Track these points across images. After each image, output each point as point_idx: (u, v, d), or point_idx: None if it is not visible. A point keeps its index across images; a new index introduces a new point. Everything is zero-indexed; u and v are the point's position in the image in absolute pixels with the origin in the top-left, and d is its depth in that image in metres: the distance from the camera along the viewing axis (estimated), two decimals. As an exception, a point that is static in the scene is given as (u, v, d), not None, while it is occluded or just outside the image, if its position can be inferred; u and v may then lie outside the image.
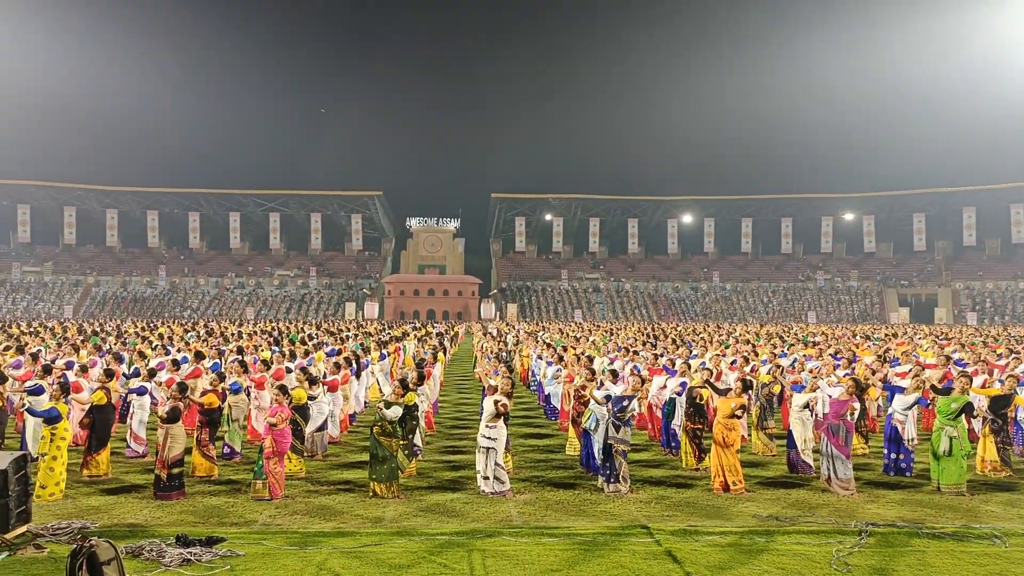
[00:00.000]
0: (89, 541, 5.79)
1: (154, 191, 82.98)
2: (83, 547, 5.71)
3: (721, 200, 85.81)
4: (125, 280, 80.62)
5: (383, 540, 7.46)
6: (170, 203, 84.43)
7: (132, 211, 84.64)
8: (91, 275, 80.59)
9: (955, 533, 7.81)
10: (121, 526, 7.91)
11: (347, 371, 14.26)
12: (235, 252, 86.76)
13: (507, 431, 9.75)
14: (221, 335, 26.69)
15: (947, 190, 79.29)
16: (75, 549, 5.74)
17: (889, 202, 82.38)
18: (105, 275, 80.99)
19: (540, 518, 8.39)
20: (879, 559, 7.03)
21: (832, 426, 9.77)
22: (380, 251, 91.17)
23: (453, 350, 35.19)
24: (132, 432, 11.63)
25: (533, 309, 77.89)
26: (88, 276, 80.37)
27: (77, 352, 16.61)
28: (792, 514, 8.59)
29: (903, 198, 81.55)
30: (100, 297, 77.58)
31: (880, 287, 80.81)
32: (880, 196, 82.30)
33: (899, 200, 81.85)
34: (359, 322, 55.22)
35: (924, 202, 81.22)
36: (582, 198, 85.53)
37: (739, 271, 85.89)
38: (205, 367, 14.10)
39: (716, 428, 9.78)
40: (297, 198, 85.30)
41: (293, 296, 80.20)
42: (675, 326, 45.64)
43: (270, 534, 7.64)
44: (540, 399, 18.34)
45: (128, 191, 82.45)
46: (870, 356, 17.65)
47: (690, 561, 6.92)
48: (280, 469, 9.19)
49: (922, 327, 50.86)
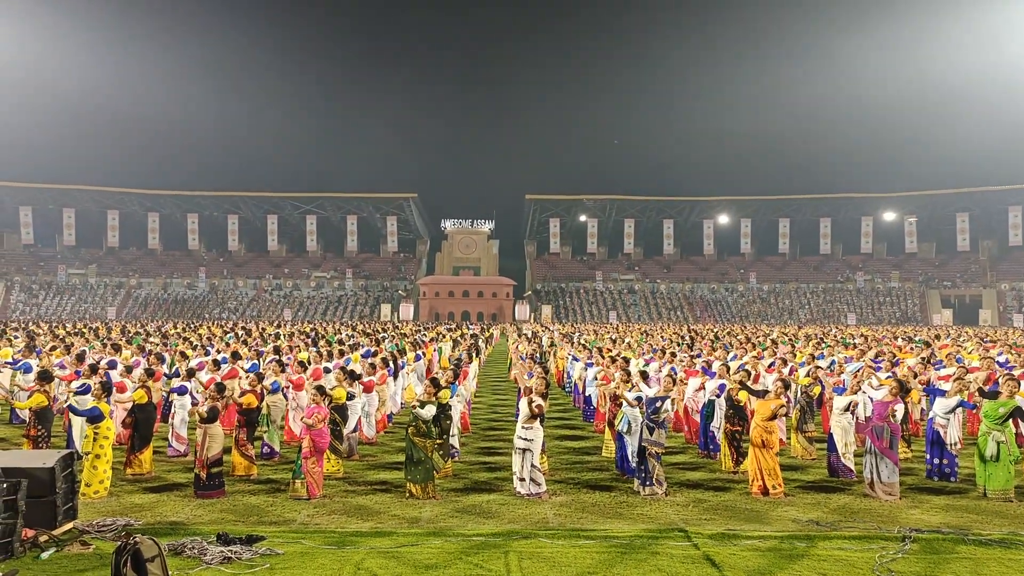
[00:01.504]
0: (134, 538, 5.93)
1: (194, 194, 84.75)
2: (128, 544, 5.84)
3: (758, 200, 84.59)
4: (166, 282, 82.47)
5: (419, 540, 7.50)
6: (209, 206, 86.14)
7: (173, 214, 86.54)
8: (133, 277, 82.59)
9: (1003, 540, 7.58)
10: (164, 524, 8.08)
11: (384, 372, 14.38)
12: (273, 254, 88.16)
13: (543, 432, 9.74)
14: (260, 336, 27.12)
15: (992, 189, 77.08)
16: (120, 546, 5.88)
17: (931, 201, 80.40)
18: (147, 277, 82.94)
19: (576, 520, 8.35)
20: (923, 566, 6.86)
21: (876, 428, 9.56)
22: (415, 253, 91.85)
23: (488, 351, 35.27)
24: (174, 431, 11.87)
25: (568, 310, 77.67)
26: (130, 278, 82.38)
27: (119, 352, 17.01)
28: (833, 519, 8.43)
29: (946, 197, 79.49)
30: (142, 299, 79.46)
31: (922, 288, 78.90)
32: (922, 195, 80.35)
33: (941, 199, 79.81)
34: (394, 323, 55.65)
35: (968, 201, 79.06)
36: (617, 199, 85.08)
37: (776, 272, 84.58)
38: (243, 367, 14.35)
39: (754, 431, 9.64)
40: (333, 200, 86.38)
41: (329, 298, 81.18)
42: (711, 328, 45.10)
43: (308, 533, 7.73)
44: (576, 401, 18.29)
45: (169, 195, 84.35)
46: (912, 359, 17.23)
47: (729, 566, 6.83)
48: (318, 469, 9.30)
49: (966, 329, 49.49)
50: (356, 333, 30.30)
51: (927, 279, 79.83)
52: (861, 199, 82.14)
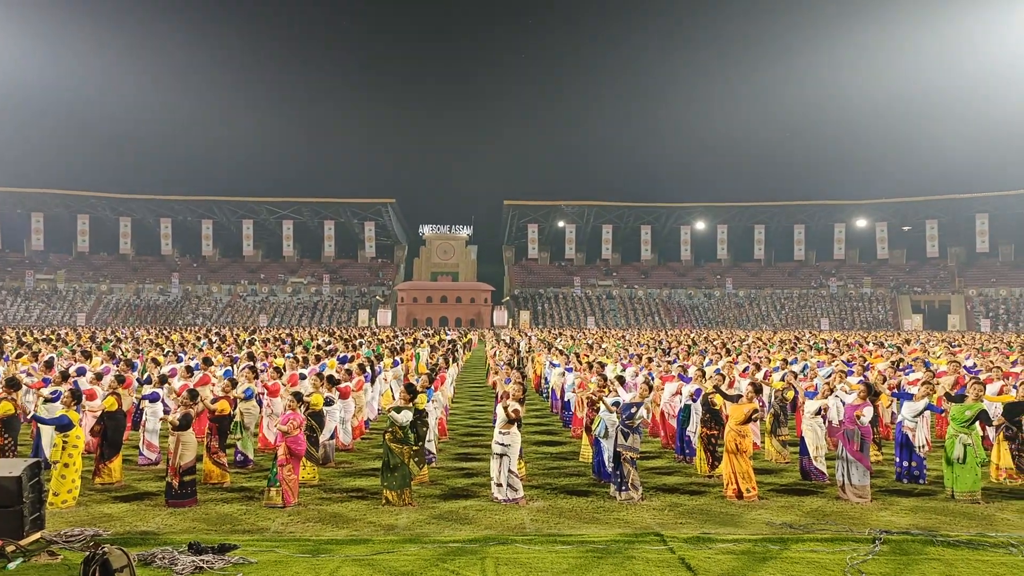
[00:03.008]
0: (102, 548, 5.83)
1: (167, 199, 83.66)
2: (96, 554, 5.75)
3: (734, 207, 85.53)
4: (138, 288, 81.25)
5: (395, 548, 7.46)
6: (183, 211, 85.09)
7: (145, 219, 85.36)
8: (104, 283, 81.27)
9: (970, 541, 7.73)
10: (134, 533, 7.95)
11: (360, 378, 14.31)
12: (248, 260, 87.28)
13: (520, 437, 9.75)
14: (234, 342, 26.84)
15: (960, 196, 78.70)
16: (88, 556, 5.78)
17: (902, 208, 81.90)
18: (118, 283, 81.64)
19: (553, 525, 8.37)
20: (893, 567, 6.96)
21: (848, 432, 9.70)
22: (393, 258, 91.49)
23: (466, 357, 35.21)
24: (145, 439, 11.70)
25: (546, 316, 77.83)
26: (101, 284, 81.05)
27: (89, 359, 16.73)
28: (806, 521, 8.53)
29: (916, 204, 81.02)
30: (113, 305, 78.20)
31: (893, 294, 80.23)
32: (893, 203, 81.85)
33: (912, 206, 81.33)
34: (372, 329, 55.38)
35: (937, 208, 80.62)
36: (595, 205, 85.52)
37: (752, 278, 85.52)
38: (216, 374, 14.18)
39: (728, 435, 9.73)
40: (310, 206, 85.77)
41: (306, 303, 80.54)
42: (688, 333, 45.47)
43: (282, 542, 7.65)
44: (553, 406, 18.32)
45: (141, 199, 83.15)
46: (883, 363, 17.51)
47: (703, 569, 6.88)
48: (294, 477, 9.22)
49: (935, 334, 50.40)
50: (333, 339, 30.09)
51: (898, 285, 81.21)
52: (834, 206, 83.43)
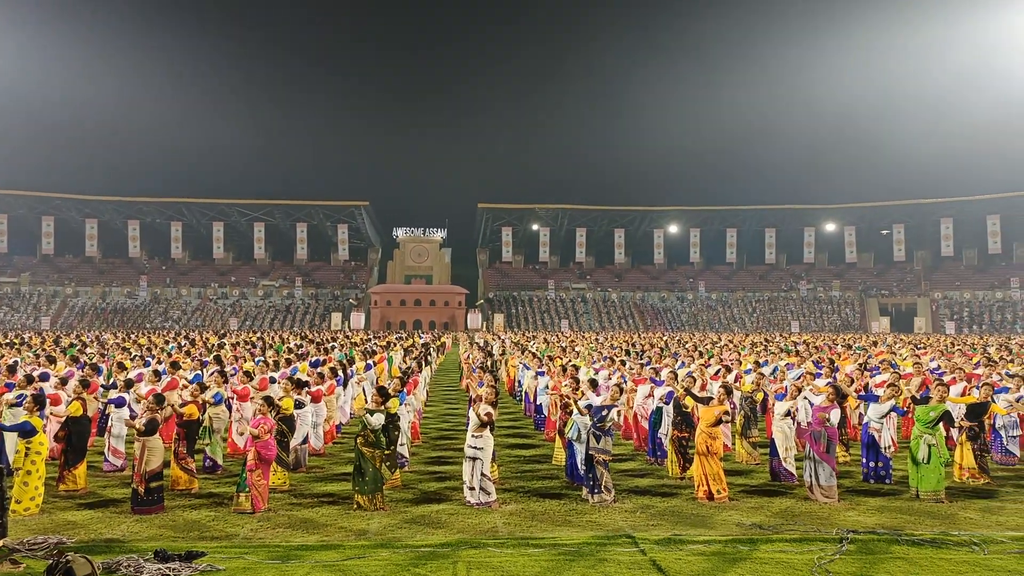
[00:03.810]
0: (65, 556, 5.72)
1: (135, 200, 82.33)
2: (60, 562, 5.64)
3: (706, 211, 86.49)
4: (105, 291, 79.81)
5: (366, 553, 7.41)
6: (152, 213, 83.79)
7: (112, 221, 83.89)
8: (69, 286, 79.70)
9: (934, 540, 7.88)
10: (98, 541, 7.80)
11: (332, 381, 14.19)
12: (218, 262, 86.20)
13: (493, 441, 9.74)
14: (204, 345, 26.46)
15: (925, 201, 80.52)
16: (51, 564, 5.67)
17: (870, 213, 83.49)
18: (84, 286, 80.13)
19: (525, 528, 8.37)
20: (859, 566, 7.08)
21: (815, 433, 9.84)
22: (366, 261, 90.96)
23: (440, 360, 35.11)
24: (110, 445, 11.48)
25: (520, 319, 77.91)
26: (66, 287, 79.48)
27: (53, 364, 16.38)
28: (775, 522, 8.64)
29: (883, 209, 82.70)
30: (79, 308, 76.72)
31: (861, 297, 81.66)
32: (861, 207, 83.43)
33: (879, 211, 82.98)
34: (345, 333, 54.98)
35: (903, 213, 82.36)
36: (569, 208, 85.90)
37: (724, 281, 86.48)
38: (185, 378, 13.98)
39: (699, 437, 9.83)
40: (282, 208, 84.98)
41: (278, 306, 79.72)
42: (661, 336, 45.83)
43: (252, 548, 7.56)
44: (527, 410, 18.33)
45: (108, 200, 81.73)
46: (851, 365, 17.81)
47: (674, 570, 6.93)
48: (264, 482, 9.10)
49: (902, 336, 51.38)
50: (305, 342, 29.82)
51: (866, 288, 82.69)
52: (804, 210, 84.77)
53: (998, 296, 76.80)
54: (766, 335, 50.66)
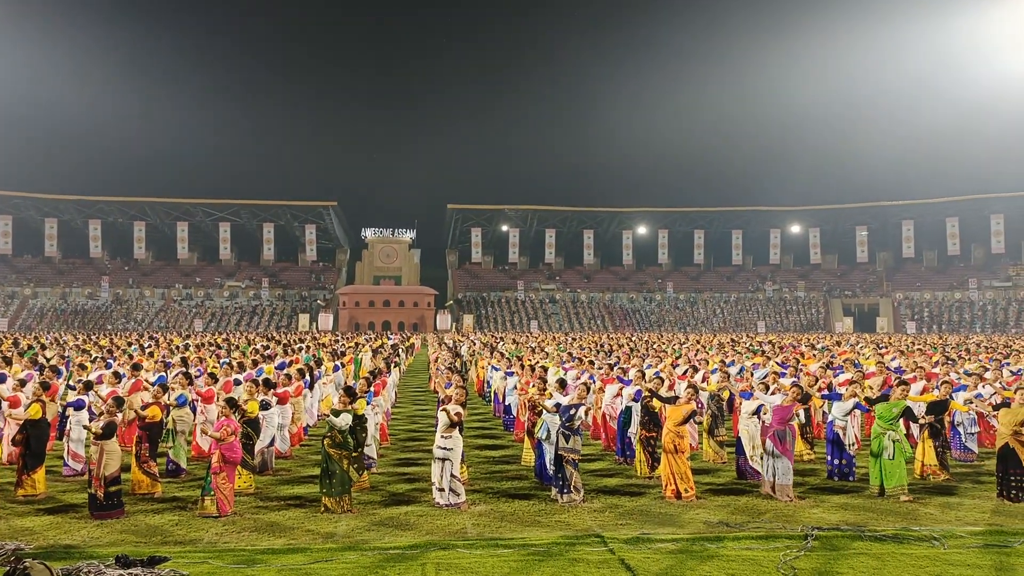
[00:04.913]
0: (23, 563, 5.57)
1: (96, 199, 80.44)
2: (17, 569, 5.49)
3: (674, 212, 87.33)
4: (65, 291, 77.94)
5: (333, 556, 7.33)
6: (114, 212, 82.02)
7: (73, 220, 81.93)
8: (28, 286, 77.69)
9: (896, 535, 8.05)
10: (58, 547, 7.61)
11: (299, 383, 14.03)
12: (183, 262, 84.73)
13: (462, 441, 9.71)
14: (167, 347, 25.98)
15: (887, 204, 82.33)
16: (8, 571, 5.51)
17: (833, 215, 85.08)
18: (43, 287, 78.15)
19: (495, 529, 8.36)
20: (823, 562, 7.20)
21: (779, 432, 9.96)
22: (335, 262, 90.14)
23: (408, 361, 34.93)
24: (70, 449, 11.20)
25: (489, 320, 77.86)
26: (25, 287, 77.45)
27: (9, 365, 15.94)
28: (741, 520, 8.75)
29: (846, 211, 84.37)
30: (38, 309, 74.84)
31: (825, 297, 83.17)
32: (825, 209, 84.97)
33: (843, 213, 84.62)
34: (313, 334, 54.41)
35: (866, 215, 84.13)
36: (538, 209, 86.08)
37: (692, 282, 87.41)
38: (148, 380, 13.70)
39: (666, 436, 9.91)
40: (249, 208, 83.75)
41: (244, 307, 78.61)
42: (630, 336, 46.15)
43: (216, 552, 7.43)
44: (496, 410, 18.32)
45: (69, 199, 79.78)
46: (814, 364, 18.12)
47: (643, 569, 6.98)
48: (229, 485, 8.96)
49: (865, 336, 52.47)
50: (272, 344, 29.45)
51: (830, 289, 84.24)
52: (770, 212, 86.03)
53: (957, 296, 78.79)
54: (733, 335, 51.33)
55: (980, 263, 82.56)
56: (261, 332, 59.22)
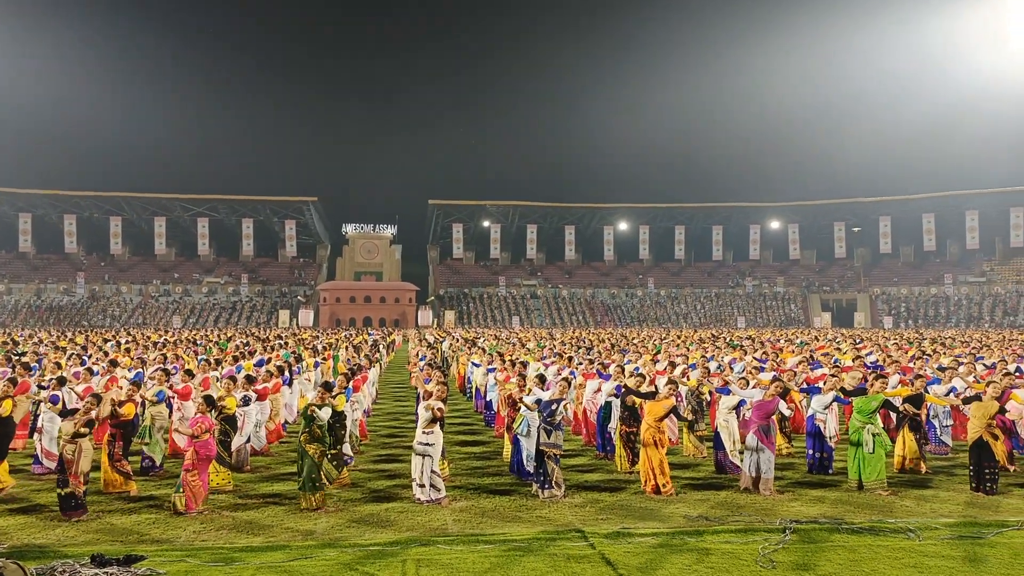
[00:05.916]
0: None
1: (71, 194, 79.21)
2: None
3: (655, 208, 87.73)
4: (39, 288, 76.73)
5: (312, 553, 7.27)
6: (89, 207, 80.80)
7: (47, 215, 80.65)
8: (2, 283, 76.37)
9: (872, 528, 8.14)
10: (31, 547, 7.48)
11: (278, 379, 13.90)
12: (160, 258, 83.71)
13: (443, 437, 9.68)
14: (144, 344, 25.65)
15: (865, 200, 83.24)
16: (-23, 573, 5.40)
17: (812, 211, 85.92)
18: (17, 283, 76.88)
19: (475, 525, 8.34)
20: (801, 555, 7.26)
21: (762, 427, 10.00)
22: (315, 258, 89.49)
23: (390, 357, 34.77)
24: (43, 448, 11.02)
25: (471, 316, 77.74)
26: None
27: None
28: (720, 514, 8.79)
29: (825, 207, 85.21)
30: (11, 306, 73.58)
31: (804, 293, 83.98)
32: (803, 205, 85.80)
33: (821, 209, 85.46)
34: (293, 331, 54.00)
35: (844, 211, 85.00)
36: (519, 205, 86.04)
37: (673, 278, 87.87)
38: (125, 377, 13.51)
39: (646, 431, 9.93)
40: (228, 203, 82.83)
41: (223, 304, 77.81)
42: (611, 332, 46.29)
43: (193, 551, 7.35)
44: (477, 406, 18.29)
45: (43, 194, 78.50)
46: (793, 359, 18.26)
47: (623, 563, 6.99)
48: (199, 482, 8.84)
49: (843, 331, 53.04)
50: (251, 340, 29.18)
51: (809, 284, 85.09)
52: (749, 208, 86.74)
53: (933, 292, 79.88)
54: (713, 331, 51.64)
55: (955, 259, 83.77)
56: (240, 328, 58.63)
